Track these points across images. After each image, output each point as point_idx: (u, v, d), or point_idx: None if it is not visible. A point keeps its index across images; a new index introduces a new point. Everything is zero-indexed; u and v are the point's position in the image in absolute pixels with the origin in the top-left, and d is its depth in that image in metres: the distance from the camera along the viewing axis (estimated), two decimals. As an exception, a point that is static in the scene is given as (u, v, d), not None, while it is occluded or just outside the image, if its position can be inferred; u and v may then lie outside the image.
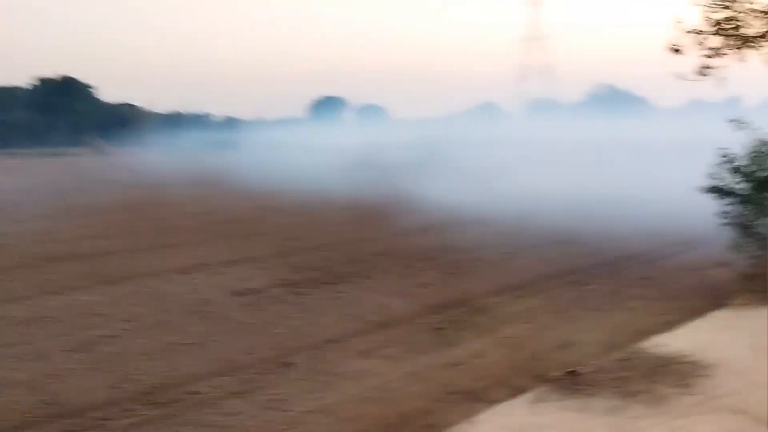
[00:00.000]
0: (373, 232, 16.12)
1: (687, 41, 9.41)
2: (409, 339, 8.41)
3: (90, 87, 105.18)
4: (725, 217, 9.95)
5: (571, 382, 5.81)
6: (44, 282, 11.64)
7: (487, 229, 16.08)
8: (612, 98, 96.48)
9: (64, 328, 8.96)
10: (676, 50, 9.47)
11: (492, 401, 6.19)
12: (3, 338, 8.52)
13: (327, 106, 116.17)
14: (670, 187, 22.04)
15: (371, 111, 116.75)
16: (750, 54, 9.20)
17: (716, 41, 9.17)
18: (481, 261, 12.83)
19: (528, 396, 5.64)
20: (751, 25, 8.91)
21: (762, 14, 8.85)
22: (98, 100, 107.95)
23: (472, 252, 13.60)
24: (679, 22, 9.36)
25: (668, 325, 8.33)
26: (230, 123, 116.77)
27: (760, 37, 8.95)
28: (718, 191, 9.82)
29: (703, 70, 9.29)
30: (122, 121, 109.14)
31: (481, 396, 6.43)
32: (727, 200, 9.83)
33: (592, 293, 10.40)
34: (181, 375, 7.22)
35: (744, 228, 9.74)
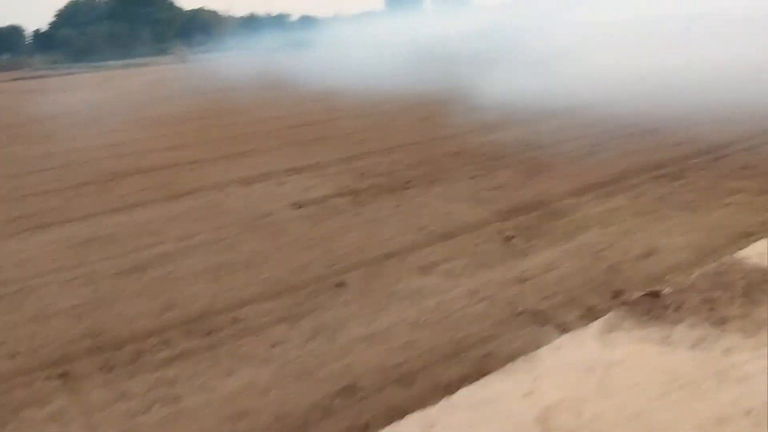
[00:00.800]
0: (443, 131, 15.17)
1: None
2: (475, 250, 7.70)
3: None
4: None
5: (652, 304, 4.98)
6: (107, 199, 11.50)
7: (566, 122, 14.82)
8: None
9: (118, 249, 8.72)
10: None
11: (561, 324, 5.47)
12: (57, 261, 8.36)
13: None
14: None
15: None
16: None
17: None
18: (560, 157, 11.78)
19: (600, 323, 4.86)
20: None
21: None
22: (178, 7, 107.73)
23: (550, 148, 12.52)
24: None
25: (774, 226, 7.30)
26: (307, 22, 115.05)
27: None
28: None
29: None
30: (202, 27, 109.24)
31: (549, 317, 5.71)
32: None
33: (685, 188, 9.30)
34: (228, 299, 6.81)
35: None
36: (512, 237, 8.04)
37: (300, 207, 10.12)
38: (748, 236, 7.07)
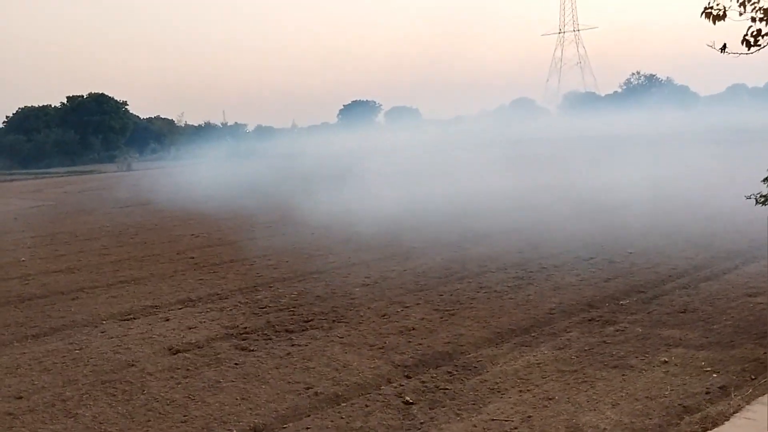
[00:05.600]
0: (362, 255, 13.92)
1: (729, 2, 7.00)
2: (363, 423, 6.24)
3: (122, 103, 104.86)
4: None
5: None
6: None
7: (493, 248, 13.76)
8: (651, 87, 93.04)
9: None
10: (716, 16, 7.08)
11: None
12: None
13: (357, 109, 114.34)
14: (713, 183, 19.51)
15: (403, 112, 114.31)
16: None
17: None
18: (483, 291, 10.55)
19: None
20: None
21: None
22: (131, 115, 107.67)
23: (474, 279, 11.32)
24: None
25: (723, 396, 6.03)
26: (263, 132, 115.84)
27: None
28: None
29: (753, 39, 6.87)
30: (155, 135, 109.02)
31: None
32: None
33: (617, 337, 8.06)
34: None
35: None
36: (412, 403, 6.62)
37: (175, 353, 8.57)
38: (690, 412, 5.78)
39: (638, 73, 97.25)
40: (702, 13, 7.20)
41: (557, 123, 78.66)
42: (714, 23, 7.15)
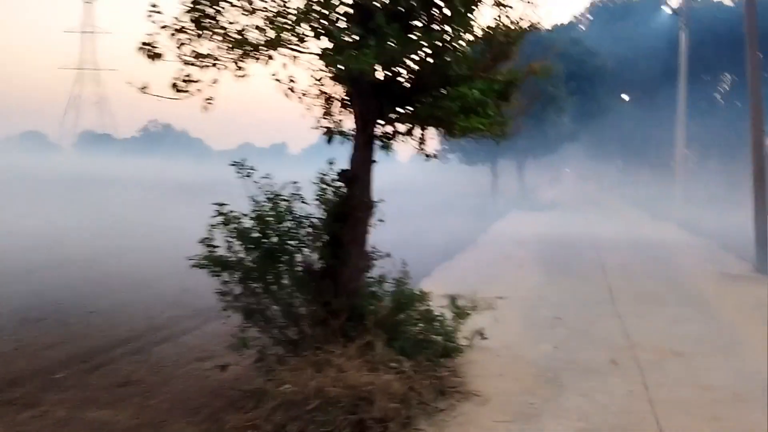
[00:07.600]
0: None
1: (169, 41, 6.31)
2: None
3: None
4: (226, 297, 7.11)
5: None
6: None
7: None
8: (167, 137, 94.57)
9: None
10: (153, 54, 6.30)
11: None
12: None
13: None
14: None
15: None
16: (256, 68, 6.48)
17: (204, 44, 6.26)
18: None
19: None
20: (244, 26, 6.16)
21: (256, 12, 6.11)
22: None
23: None
24: (154, 8, 6.20)
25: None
26: None
27: (264, 47, 6.25)
28: (214, 263, 6.93)
29: (181, 83, 6.27)
30: None
31: None
32: (227, 274, 7.00)
33: (31, 426, 6.53)
34: None
35: (250, 314, 6.98)
36: None
37: None
38: None
39: (156, 120, 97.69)
40: (140, 49, 6.38)
41: (69, 161, 74.86)
42: (152, 60, 6.39)
